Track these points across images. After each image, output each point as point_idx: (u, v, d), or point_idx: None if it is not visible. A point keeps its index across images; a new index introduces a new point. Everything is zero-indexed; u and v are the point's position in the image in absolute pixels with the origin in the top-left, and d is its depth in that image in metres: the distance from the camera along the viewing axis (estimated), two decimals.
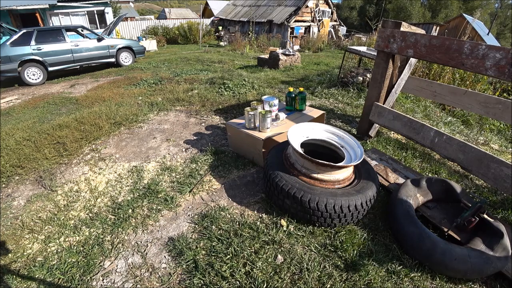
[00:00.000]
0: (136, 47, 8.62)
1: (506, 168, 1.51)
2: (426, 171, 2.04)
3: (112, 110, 3.11)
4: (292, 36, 16.44)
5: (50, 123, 2.87)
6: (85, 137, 2.48)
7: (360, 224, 1.50)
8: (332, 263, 1.28)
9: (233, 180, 1.88)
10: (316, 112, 2.32)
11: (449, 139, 1.80)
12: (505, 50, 1.43)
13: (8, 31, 8.05)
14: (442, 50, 1.69)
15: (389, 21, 2.07)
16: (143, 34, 15.94)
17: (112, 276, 1.27)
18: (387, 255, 1.33)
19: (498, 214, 1.63)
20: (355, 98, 3.54)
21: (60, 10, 12.92)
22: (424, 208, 1.55)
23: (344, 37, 16.99)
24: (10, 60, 6.39)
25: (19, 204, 1.77)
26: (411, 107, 3.33)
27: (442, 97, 2.49)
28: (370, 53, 3.73)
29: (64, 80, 6.83)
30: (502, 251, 1.21)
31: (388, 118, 2.18)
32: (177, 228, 1.51)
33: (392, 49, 2.00)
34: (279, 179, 1.47)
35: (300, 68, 6.15)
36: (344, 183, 1.52)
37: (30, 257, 1.37)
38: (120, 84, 5.04)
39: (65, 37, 7.20)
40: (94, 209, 1.67)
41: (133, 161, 2.15)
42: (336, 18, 19.78)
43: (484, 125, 3.67)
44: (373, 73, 2.30)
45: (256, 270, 1.22)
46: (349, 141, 1.70)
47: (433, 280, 1.23)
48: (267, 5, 18.26)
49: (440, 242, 1.22)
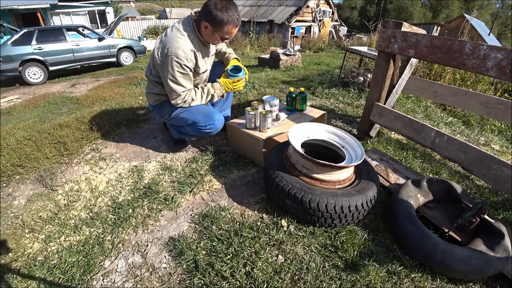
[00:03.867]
0: (137, 46, 8.63)
1: (507, 169, 1.50)
2: (427, 171, 2.03)
3: (113, 109, 3.11)
4: (293, 36, 16.44)
5: (51, 123, 2.87)
6: (86, 137, 2.48)
7: (360, 225, 1.50)
8: (333, 264, 1.28)
9: (234, 180, 1.88)
10: (316, 112, 2.32)
11: (450, 140, 1.80)
12: (507, 51, 1.42)
13: (9, 31, 8.07)
14: (444, 51, 1.69)
15: (390, 21, 2.07)
16: (144, 34, 15.96)
17: (112, 276, 1.27)
18: (387, 255, 1.33)
19: (499, 215, 1.63)
20: (356, 98, 3.53)
21: (61, 10, 12.94)
22: (424, 208, 1.55)
23: (345, 37, 16.98)
24: (11, 60, 6.40)
25: (20, 204, 1.78)
26: (412, 108, 3.33)
27: (443, 98, 2.48)
28: (371, 53, 3.73)
29: (65, 79, 6.84)
30: (503, 252, 1.20)
31: (389, 119, 2.18)
32: (178, 228, 1.51)
33: (393, 49, 2.00)
34: (279, 179, 1.47)
35: (300, 68, 6.15)
36: (344, 183, 1.52)
37: (30, 257, 1.37)
38: (121, 83, 5.05)
39: (66, 36, 7.21)
40: (95, 209, 1.67)
41: (134, 160, 2.15)
42: (337, 18, 19.77)
43: (485, 125, 3.67)
44: (374, 73, 2.30)
45: (257, 270, 1.22)
46: (349, 141, 1.70)
47: (433, 281, 1.22)
48: (268, 5, 18.25)
49: (440, 243, 1.22)
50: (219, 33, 1.65)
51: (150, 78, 1.89)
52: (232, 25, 1.62)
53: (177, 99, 1.79)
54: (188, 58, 1.67)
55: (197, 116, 1.88)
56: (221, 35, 1.66)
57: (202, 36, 1.72)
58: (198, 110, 1.88)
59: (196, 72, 1.84)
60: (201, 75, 1.89)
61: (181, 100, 1.79)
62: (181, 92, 1.76)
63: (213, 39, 1.71)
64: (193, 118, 1.88)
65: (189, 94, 1.81)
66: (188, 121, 1.91)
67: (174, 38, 1.66)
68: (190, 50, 1.68)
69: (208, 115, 1.89)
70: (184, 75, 1.71)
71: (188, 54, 1.67)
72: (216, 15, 1.56)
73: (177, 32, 1.68)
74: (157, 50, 1.70)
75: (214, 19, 1.58)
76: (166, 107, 1.92)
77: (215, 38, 1.68)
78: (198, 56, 1.76)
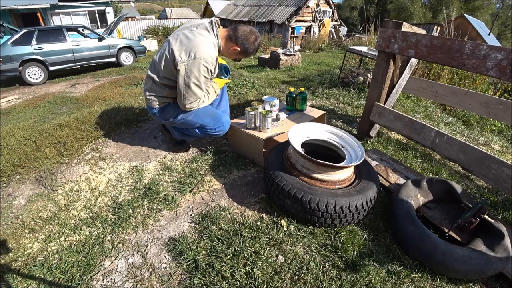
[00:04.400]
0: (137, 46, 8.62)
1: (507, 169, 1.51)
2: (427, 171, 2.03)
3: (113, 109, 3.11)
4: (293, 36, 16.44)
5: (51, 123, 2.87)
6: (86, 137, 2.48)
7: (360, 225, 1.50)
8: (333, 264, 1.28)
9: (234, 180, 1.88)
10: (316, 112, 2.32)
11: (450, 140, 1.80)
12: (507, 51, 1.42)
13: (9, 31, 8.07)
14: (444, 51, 1.69)
15: (390, 21, 2.07)
16: (144, 34, 15.96)
17: (112, 276, 1.27)
18: (387, 255, 1.33)
19: (499, 215, 1.63)
20: (356, 98, 3.53)
21: (61, 10, 12.94)
22: (424, 208, 1.55)
23: (345, 37, 16.98)
24: (11, 60, 6.40)
25: (20, 204, 1.78)
26: (412, 108, 3.33)
27: (443, 98, 2.48)
28: (371, 53, 3.73)
29: (65, 79, 6.84)
30: (503, 252, 1.20)
31: (389, 119, 2.18)
32: (178, 228, 1.51)
33: (393, 49, 2.00)
34: (279, 179, 1.47)
35: (301, 68, 6.15)
36: (344, 183, 1.52)
37: (30, 257, 1.37)
38: (121, 83, 5.05)
39: (66, 36, 7.20)
40: (95, 209, 1.67)
41: (134, 160, 2.15)
42: (337, 18, 19.77)
43: (485, 125, 3.67)
44: (374, 73, 2.30)
45: (257, 270, 1.22)
46: (349, 141, 1.70)
47: (433, 281, 1.22)
48: (268, 5, 18.25)
49: (440, 243, 1.22)
50: (240, 56, 1.85)
51: (157, 81, 1.81)
52: (252, 54, 1.86)
53: (193, 103, 1.77)
54: (213, 64, 1.71)
55: (205, 120, 1.90)
56: (239, 58, 1.86)
57: (223, 50, 1.81)
58: (205, 113, 1.89)
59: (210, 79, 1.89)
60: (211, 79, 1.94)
61: (196, 104, 1.80)
62: (200, 96, 1.78)
63: (231, 57, 1.87)
64: (201, 121, 1.90)
65: (203, 97, 1.85)
66: (196, 124, 1.92)
67: (202, 43, 1.65)
68: (216, 56, 1.73)
69: (216, 118, 1.92)
70: (207, 79, 1.75)
71: (214, 60, 1.72)
72: (249, 48, 1.79)
73: (203, 38, 1.68)
74: (178, 52, 1.63)
75: (245, 49, 1.79)
76: (170, 109, 1.88)
77: (234, 57, 1.86)
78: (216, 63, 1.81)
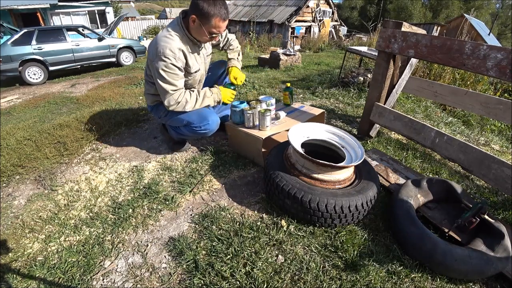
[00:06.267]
0: (137, 46, 8.62)
1: (507, 169, 1.50)
2: (427, 171, 2.03)
3: (112, 109, 3.11)
4: (293, 36, 16.43)
5: (50, 123, 2.87)
6: (86, 137, 2.48)
7: (360, 225, 1.50)
8: (333, 264, 1.28)
9: (234, 180, 1.88)
10: (316, 111, 2.33)
11: (450, 140, 1.80)
12: (507, 51, 1.42)
13: (9, 31, 8.07)
14: (444, 51, 1.69)
15: (390, 21, 2.07)
16: (144, 33, 15.96)
17: (112, 276, 1.27)
18: (387, 255, 1.33)
19: (499, 215, 1.63)
20: (356, 98, 3.53)
21: (61, 10, 12.95)
22: (424, 208, 1.55)
23: (345, 37, 16.98)
24: (11, 60, 6.40)
25: (20, 204, 1.78)
26: (412, 108, 3.32)
27: (443, 98, 2.48)
28: (371, 53, 3.73)
29: (64, 79, 6.84)
30: (503, 252, 1.20)
31: (389, 119, 2.18)
32: (178, 228, 1.51)
33: (393, 49, 2.00)
34: (279, 179, 1.47)
35: (300, 68, 6.15)
36: (344, 183, 1.52)
37: (30, 257, 1.37)
38: (121, 83, 5.05)
39: (66, 36, 7.20)
40: (95, 209, 1.67)
41: (134, 160, 2.15)
42: (337, 18, 19.77)
43: (485, 125, 3.67)
44: (374, 73, 2.30)
45: (257, 270, 1.22)
46: (349, 141, 1.70)
47: (433, 281, 1.22)
48: (268, 5, 18.24)
49: (440, 243, 1.22)
50: (207, 26, 1.63)
51: (146, 79, 1.91)
52: (219, 18, 1.61)
53: (169, 100, 1.71)
54: (176, 57, 1.66)
55: (192, 117, 1.85)
56: (208, 29, 1.64)
57: (191, 32, 1.71)
58: (192, 111, 1.86)
59: (187, 72, 1.82)
60: (193, 74, 1.87)
61: (174, 101, 1.72)
62: (170, 91, 1.69)
63: (201, 34, 1.68)
64: (187, 118, 1.86)
65: (182, 96, 1.74)
66: (183, 122, 1.89)
67: (162, 38, 1.67)
68: (178, 49, 1.67)
69: (202, 116, 1.85)
70: (173, 74, 1.68)
71: (176, 53, 1.66)
72: (203, 7, 1.57)
73: (166, 32, 1.70)
74: (149, 52, 1.75)
75: (201, 11, 1.58)
76: (162, 107, 1.92)
77: (203, 33, 1.66)
78: (188, 55, 1.75)
